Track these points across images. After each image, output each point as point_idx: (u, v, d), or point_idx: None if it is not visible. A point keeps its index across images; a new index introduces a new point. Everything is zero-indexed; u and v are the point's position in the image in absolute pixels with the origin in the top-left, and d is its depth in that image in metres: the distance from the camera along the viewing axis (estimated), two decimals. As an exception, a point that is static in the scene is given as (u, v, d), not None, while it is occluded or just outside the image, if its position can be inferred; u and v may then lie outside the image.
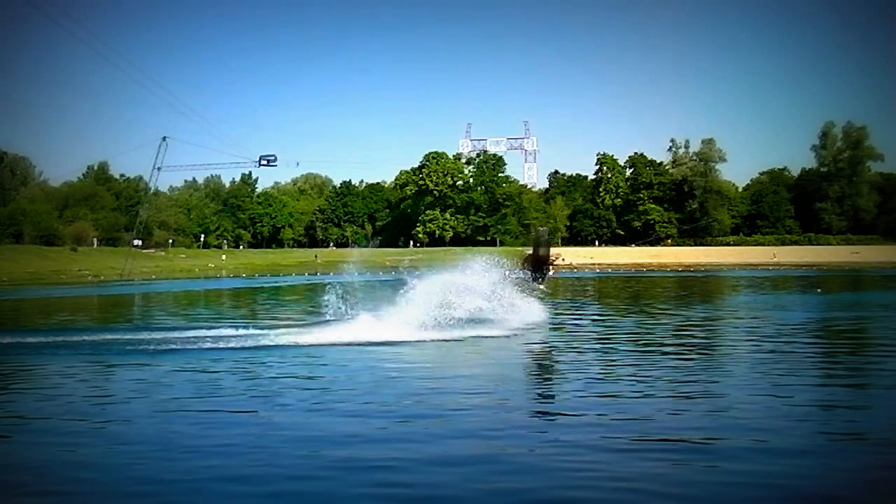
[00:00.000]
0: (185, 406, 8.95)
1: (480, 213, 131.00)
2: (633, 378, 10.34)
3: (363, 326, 15.32)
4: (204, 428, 7.87)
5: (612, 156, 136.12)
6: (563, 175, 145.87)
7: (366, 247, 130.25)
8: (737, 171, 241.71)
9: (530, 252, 18.47)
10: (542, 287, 18.03)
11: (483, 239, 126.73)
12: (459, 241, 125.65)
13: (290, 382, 10.39)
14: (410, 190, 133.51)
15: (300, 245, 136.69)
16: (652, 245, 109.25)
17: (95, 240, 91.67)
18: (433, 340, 14.20)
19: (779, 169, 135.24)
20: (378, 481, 6.04)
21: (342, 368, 11.58)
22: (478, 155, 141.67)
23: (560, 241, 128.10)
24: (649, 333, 15.87)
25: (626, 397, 9.13)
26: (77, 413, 8.71)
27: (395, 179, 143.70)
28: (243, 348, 13.75)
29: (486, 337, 14.73)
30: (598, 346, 13.95)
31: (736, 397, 8.98)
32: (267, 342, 14.41)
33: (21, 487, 6.17)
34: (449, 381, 10.41)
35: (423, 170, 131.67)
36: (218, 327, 16.69)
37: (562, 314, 19.89)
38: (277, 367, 11.78)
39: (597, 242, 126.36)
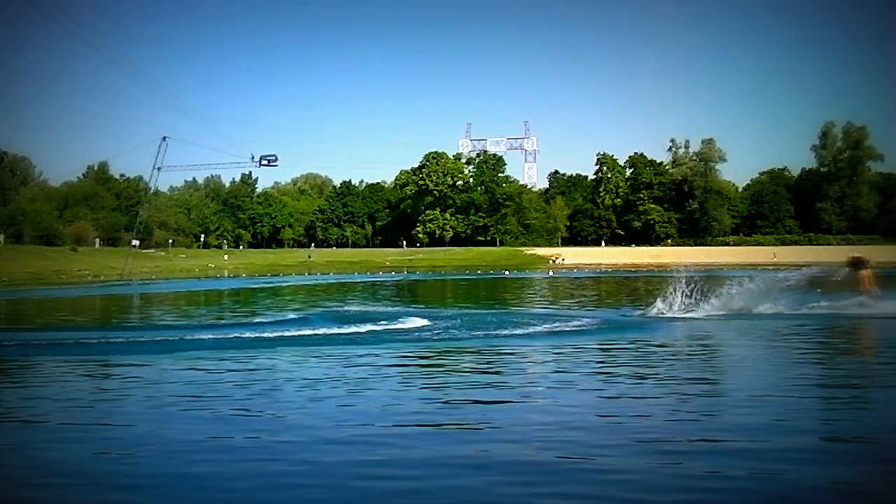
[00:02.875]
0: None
1: (480, 213, 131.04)
2: None
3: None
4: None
5: (612, 156, 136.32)
6: (563, 175, 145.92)
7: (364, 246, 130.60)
8: (737, 171, 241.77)
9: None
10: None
11: (483, 239, 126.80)
12: (459, 241, 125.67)
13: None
14: (410, 190, 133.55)
15: (300, 245, 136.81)
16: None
17: (98, 240, 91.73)
18: None
19: (779, 169, 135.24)
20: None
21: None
22: (478, 155, 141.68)
23: (560, 241, 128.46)
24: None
25: None
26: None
27: (395, 179, 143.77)
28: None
29: None
30: None
31: None
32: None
33: (18, 480, 6.19)
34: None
35: (423, 170, 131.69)
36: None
37: None
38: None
39: (603, 243, 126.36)
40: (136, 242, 76.77)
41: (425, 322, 17.33)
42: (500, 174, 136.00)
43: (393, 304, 27.00)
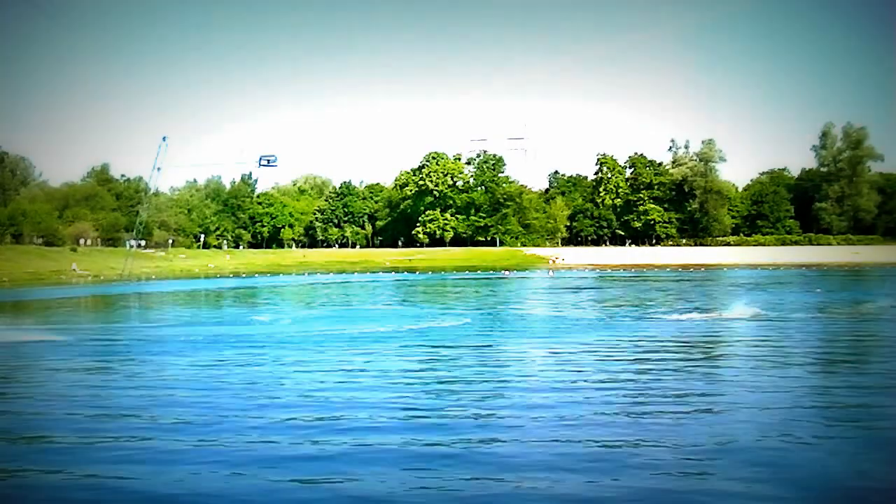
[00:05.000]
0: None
1: (481, 214, 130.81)
2: None
3: None
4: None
5: (612, 156, 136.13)
6: (563, 175, 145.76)
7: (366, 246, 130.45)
8: (737, 171, 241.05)
9: None
10: None
11: (483, 239, 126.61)
12: (460, 241, 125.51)
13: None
14: (410, 190, 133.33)
15: (300, 245, 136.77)
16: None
17: (99, 240, 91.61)
18: None
19: (779, 169, 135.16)
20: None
21: None
22: (478, 155, 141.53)
23: (560, 241, 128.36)
24: None
25: None
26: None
27: (395, 179, 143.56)
28: None
29: None
30: None
31: None
32: None
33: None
34: None
35: (423, 170, 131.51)
36: None
37: None
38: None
39: (607, 242, 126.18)
40: (133, 243, 76.66)
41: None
42: (500, 174, 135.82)
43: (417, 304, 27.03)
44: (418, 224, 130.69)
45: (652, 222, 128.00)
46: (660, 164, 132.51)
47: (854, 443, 7.51)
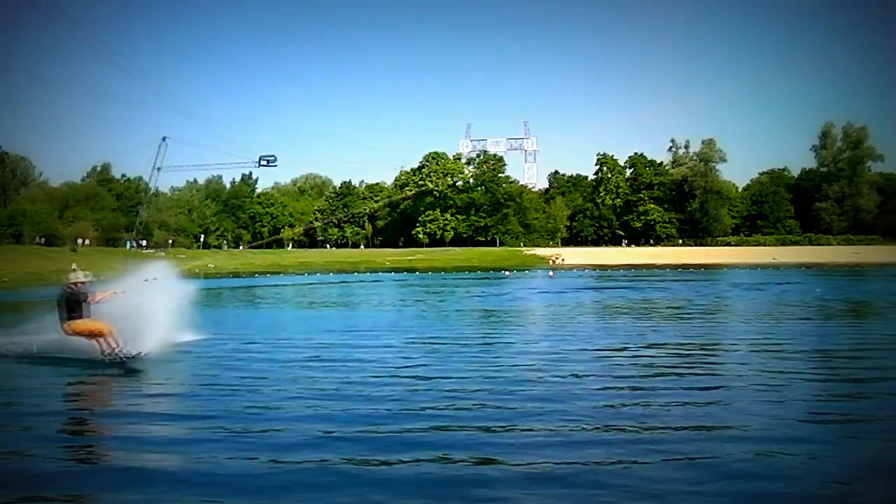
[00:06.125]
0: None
1: (481, 213, 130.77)
2: None
3: None
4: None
5: (612, 156, 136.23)
6: (563, 175, 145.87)
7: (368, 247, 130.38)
8: (737, 171, 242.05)
9: None
10: None
11: (483, 239, 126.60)
12: (460, 241, 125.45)
13: None
14: (410, 190, 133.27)
15: (300, 245, 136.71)
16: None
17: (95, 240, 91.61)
18: None
19: (779, 169, 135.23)
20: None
21: None
22: (478, 155, 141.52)
23: (560, 241, 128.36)
24: None
25: None
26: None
27: (395, 179, 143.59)
28: None
29: None
30: None
31: None
32: None
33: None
34: None
35: (423, 170, 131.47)
36: None
37: None
38: None
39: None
40: (133, 243, 76.65)
41: None
42: (500, 174, 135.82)
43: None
44: (418, 224, 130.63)
45: (652, 222, 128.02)
46: (660, 164, 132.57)
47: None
